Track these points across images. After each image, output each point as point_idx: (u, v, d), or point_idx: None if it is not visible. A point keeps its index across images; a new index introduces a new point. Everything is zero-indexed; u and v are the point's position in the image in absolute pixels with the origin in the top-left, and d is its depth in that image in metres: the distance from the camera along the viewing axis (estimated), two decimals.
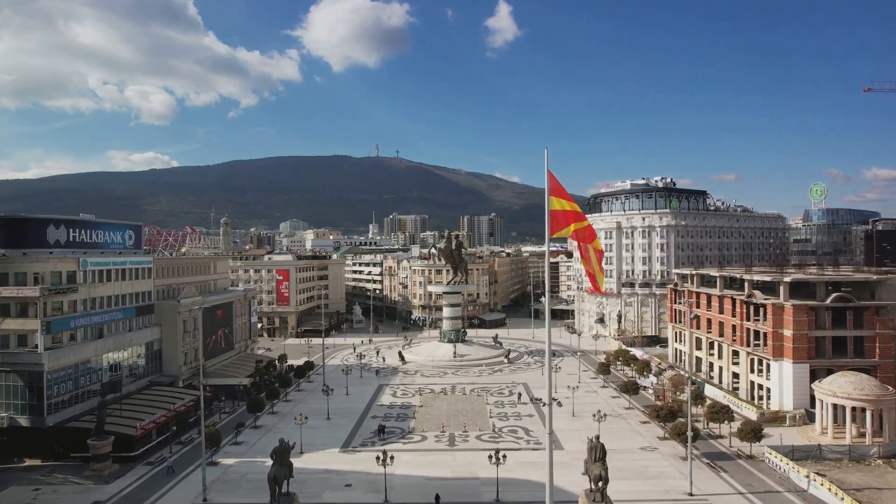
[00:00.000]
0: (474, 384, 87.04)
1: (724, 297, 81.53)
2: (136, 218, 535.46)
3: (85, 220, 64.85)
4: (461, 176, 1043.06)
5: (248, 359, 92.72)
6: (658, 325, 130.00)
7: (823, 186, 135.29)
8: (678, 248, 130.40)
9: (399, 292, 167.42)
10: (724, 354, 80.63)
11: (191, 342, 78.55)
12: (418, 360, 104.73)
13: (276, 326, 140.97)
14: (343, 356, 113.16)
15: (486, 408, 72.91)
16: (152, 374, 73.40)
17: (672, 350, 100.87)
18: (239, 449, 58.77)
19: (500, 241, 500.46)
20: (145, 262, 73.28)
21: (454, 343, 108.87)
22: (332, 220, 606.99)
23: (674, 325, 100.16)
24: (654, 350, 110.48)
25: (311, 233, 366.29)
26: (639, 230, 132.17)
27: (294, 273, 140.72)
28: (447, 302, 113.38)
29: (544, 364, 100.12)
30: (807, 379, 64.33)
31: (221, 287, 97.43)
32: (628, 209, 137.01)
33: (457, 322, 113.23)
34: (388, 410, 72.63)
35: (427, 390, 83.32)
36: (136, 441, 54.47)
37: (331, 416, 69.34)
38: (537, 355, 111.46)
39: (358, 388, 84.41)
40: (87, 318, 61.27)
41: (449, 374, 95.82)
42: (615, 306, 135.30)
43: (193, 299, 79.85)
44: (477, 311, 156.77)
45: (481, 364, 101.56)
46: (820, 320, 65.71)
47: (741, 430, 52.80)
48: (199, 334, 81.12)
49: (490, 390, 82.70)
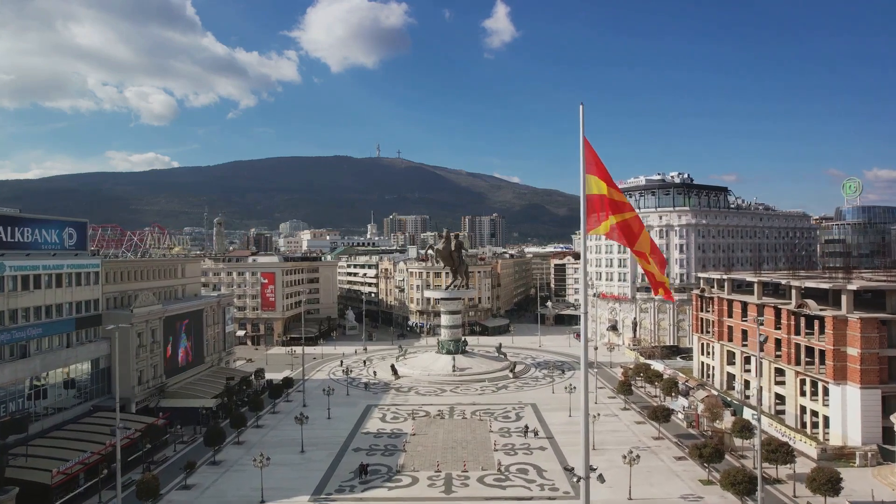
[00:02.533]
0: (475, 405, 76.11)
1: (763, 305, 70.54)
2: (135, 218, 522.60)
3: (6, 215, 54.05)
4: (462, 176, 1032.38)
5: (219, 374, 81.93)
6: (677, 333, 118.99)
7: (858, 182, 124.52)
8: (699, 248, 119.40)
9: (395, 296, 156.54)
10: (765, 372, 69.62)
11: (148, 358, 67.70)
12: (413, 374, 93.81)
13: (261, 334, 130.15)
14: (331, 368, 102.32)
15: (490, 437, 61.97)
16: (99, 396, 62.56)
17: (697, 364, 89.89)
18: (188, 496, 47.84)
19: (501, 241, 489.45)
20: (90, 265, 62.44)
21: (453, 355, 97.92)
22: (333, 221, 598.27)
23: (700, 335, 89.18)
24: (675, 363, 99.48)
25: (308, 233, 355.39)
26: (655, 230, 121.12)
27: (280, 276, 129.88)
28: (445, 309, 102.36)
29: (555, 379, 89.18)
30: (878, 408, 53.43)
31: (192, 293, 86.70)
32: (644, 207, 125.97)
33: (456, 331, 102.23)
34: (375, 440, 61.69)
35: (421, 412, 72.41)
36: (54, 491, 43.54)
37: (306, 449, 58.46)
38: (546, 368, 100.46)
39: (342, 410, 73.55)
40: (7, 335, 50.47)
41: (447, 391, 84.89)
42: (629, 313, 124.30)
43: (152, 308, 69.05)
44: (478, 316, 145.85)
45: (483, 379, 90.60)
46: (894, 337, 54.67)
47: (813, 479, 41.77)
48: (160, 348, 70.34)
49: (494, 412, 71.74)
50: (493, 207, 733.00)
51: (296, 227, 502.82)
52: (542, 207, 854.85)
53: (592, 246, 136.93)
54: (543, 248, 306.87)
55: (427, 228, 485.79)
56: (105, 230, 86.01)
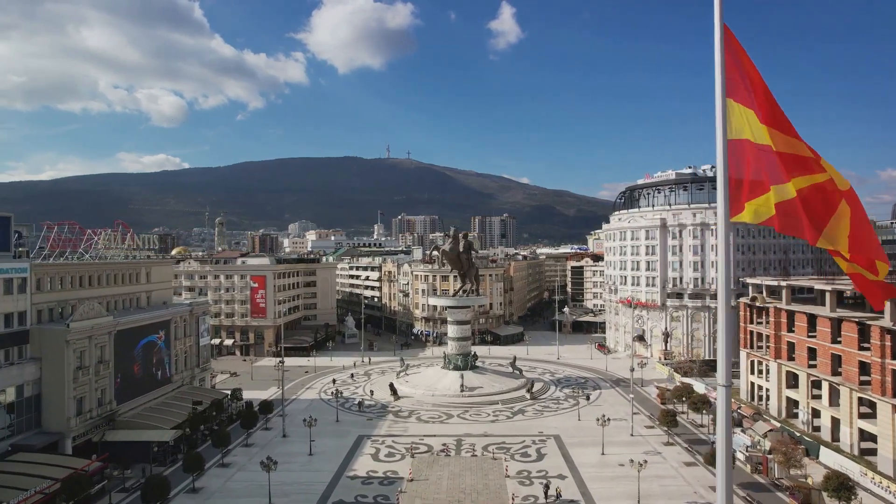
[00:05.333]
0: (487, 436, 63.70)
1: (841, 319, 57.68)
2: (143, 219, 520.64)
3: None
4: (471, 177, 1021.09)
5: (188, 396, 70.08)
6: (712, 344, 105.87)
7: None
8: (738, 250, 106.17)
9: (399, 301, 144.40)
10: (844, 402, 56.70)
11: (91, 381, 56.00)
12: (415, 394, 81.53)
13: (250, 343, 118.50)
14: (323, 385, 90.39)
15: (507, 485, 49.60)
16: (27, 430, 51.01)
17: (746, 385, 76.94)
18: None
19: (512, 242, 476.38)
20: (14, 269, 50.89)
21: (461, 371, 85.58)
22: (342, 222, 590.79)
23: (749, 352, 76.24)
24: (713, 381, 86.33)
25: (314, 233, 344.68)
26: (689, 229, 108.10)
27: (272, 279, 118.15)
28: (453, 319, 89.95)
29: (579, 402, 76.50)
30: None
31: (158, 301, 75.12)
32: (675, 203, 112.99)
33: (465, 344, 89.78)
34: (362, 489, 49.46)
35: (422, 447, 60.12)
36: None
37: (274, 502, 46.38)
38: (567, 386, 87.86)
39: (328, 443, 61.47)
40: None
41: (454, 416, 72.49)
42: (658, 321, 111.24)
43: (98, 321, 57.38)
44: (489, 324, 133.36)
45: (496, 401, 78.13)
46: None
47: None
48: (109, 369, 58.65)
49: (510, 448, 59.30)
50: (503, 208, 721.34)
51: (304, 227, 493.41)
52: (552, 208, 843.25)
53: (613, 247, 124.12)
54: (556, 249, 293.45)
55: (436, 229, 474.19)
56: (62, 228, 74.36)
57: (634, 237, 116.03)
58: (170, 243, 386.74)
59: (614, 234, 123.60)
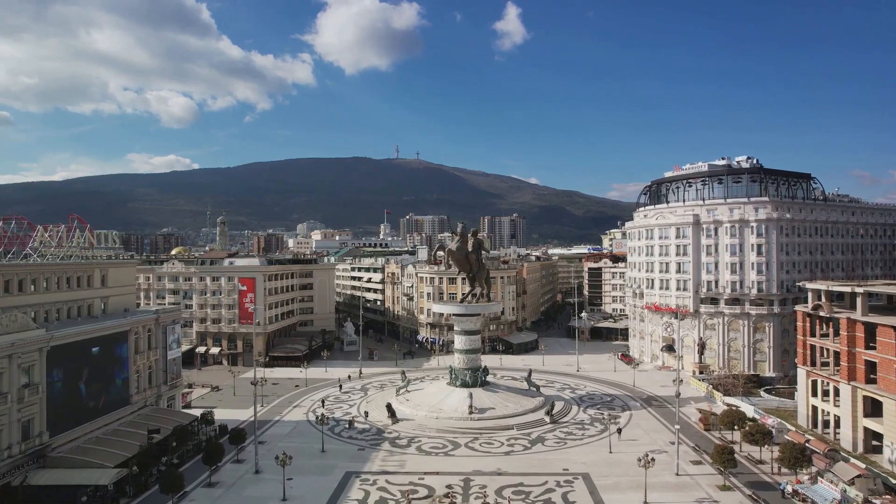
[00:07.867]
0: (501, 475, 52.44)
1: None
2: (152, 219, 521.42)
3: None
4: (480, 177, 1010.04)
5: (147, 422, 59.33)
6: (753, 357, 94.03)
7: None
8: (781, 250, 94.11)
9: (403, 305, 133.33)
10: None
11: (12, 410, 45.37)
12: (417, 415, 70.30)
13: (238, 352, 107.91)
14: (313, 404, 79.57)
15: None
16: None
17: (806, 409, 65.05)
18: None
19: (522, 243, 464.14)
20: None
21: (470, 388, 74.35)
22: (350, 222, 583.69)
23: (810, 369, 64.41)
24: (763, 401, 74.77)
25: (319, 233, 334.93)
26: (725, 226, 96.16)
27: (262, 282, 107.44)
28: (460, 328, 78.51)
29: (608, 427, 64.90)
30: None
31: (118, 308, 64.56)
32: (709, 198, 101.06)
33: (474, 357, 78.36)
34: None
35: (422, 489, 49.00)
36: None
37: None
38: (591, 405, 76.37)
39: (308, 483, 50.56)
40: None
41: (461, 446, 61.20)
42: (690, 330, 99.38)
43: (22, 335, 46.73)
44: (501, 331, 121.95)
45: (510, 426, 66.77)
46: None
47: None
48: (39, 393, 48.01)
49: (530, 493, 47.95)
50: (512, 208, 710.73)
51: (313, 227, 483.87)
52: (562, 209, 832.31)
53: (637, 247, 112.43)
54: (569, 250, 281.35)
55: (445, 229, 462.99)
56: (8, 224, 64.14)
57: (663, 235, 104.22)
58: (173, 243, 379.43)
59: (639, 233, 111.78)
